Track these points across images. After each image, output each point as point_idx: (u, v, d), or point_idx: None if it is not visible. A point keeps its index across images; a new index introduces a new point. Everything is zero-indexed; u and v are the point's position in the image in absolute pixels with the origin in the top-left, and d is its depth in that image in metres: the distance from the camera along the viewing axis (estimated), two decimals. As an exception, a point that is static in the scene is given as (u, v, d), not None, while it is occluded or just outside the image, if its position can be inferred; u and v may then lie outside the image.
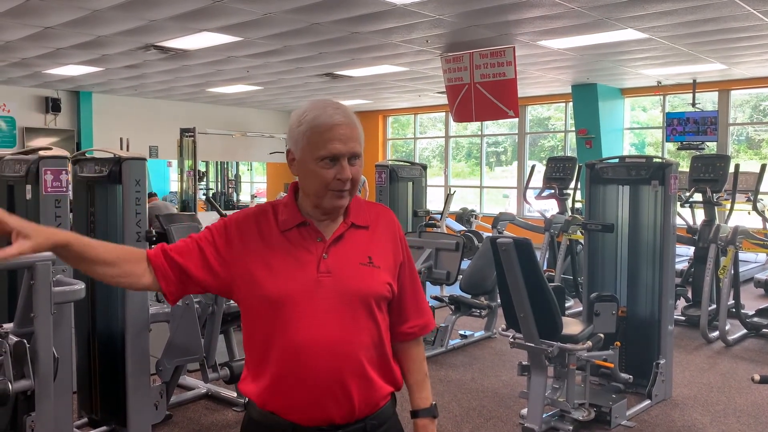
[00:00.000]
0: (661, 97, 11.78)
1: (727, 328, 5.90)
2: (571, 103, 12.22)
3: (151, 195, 9.62)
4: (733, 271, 5.96)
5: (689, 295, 6.86)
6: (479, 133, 14.47)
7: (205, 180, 15.29)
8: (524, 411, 4.01)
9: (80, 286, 2.97)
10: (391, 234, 1.68)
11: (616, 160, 4.91)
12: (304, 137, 1.52)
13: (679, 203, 6.48)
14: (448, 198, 9.20)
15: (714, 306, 6.22)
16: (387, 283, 1.62)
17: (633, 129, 12.67)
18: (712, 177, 6.55)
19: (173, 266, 1.56)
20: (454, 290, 6.14)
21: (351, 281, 1.57)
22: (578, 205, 8.34)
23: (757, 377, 2.50)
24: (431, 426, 1.72)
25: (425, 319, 1.72)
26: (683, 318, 6.55)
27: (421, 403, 1.72)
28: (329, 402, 1.54)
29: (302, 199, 1.61)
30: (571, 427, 3.88)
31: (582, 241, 5.73)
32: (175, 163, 13.87)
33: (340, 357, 1.54)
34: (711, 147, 10.69)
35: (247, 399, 1.66)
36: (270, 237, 1.58)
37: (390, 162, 7.12)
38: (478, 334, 6.07)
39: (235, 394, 4.46)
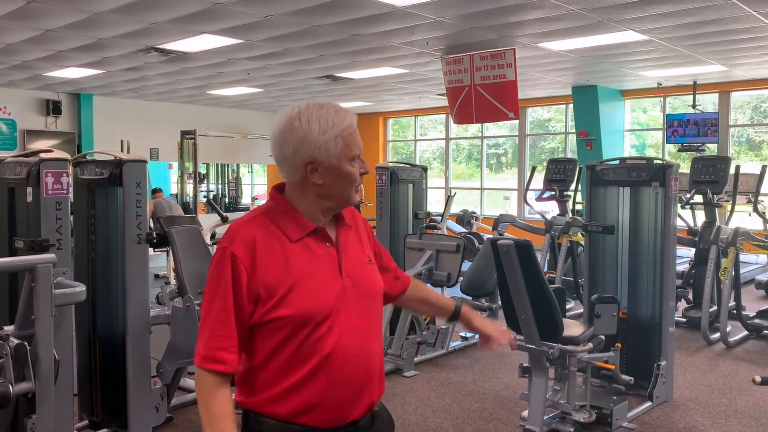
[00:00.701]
0: (662, 98, 11.78)
1: (728, 329, 5.89)
2: (571, 105, 12.22)
3: (157, 191, 9.63)
4: (733, 273, 5.95)
5: (690, 296, 6.85)
6: (479, 134, 14.48)
7: (205, 182, 15.31)
8: (525, 413, 4.01)
9: (81, 288, 2.97)
10: (364, 228, 1.76)
11: (617, 162, 4.90)
12: (337, 141, 1.52)
13: (679, 205, 6.48)
14: (448, 200, 9.20)
15: (715, 307, 6.22)
16: (380, 277, 1.72)
17: (633, 131, 12.67)
18: (713, 178, 6.54)
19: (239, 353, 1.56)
20: (455, 292, 6.13)
21: (366, 282, 1.63)
22: (579, 206, 8.34)
23: (758, 379, 2.50)
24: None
25: (407, 276, 1.92)
26: (684, 320, 6.54)
27: (452, 303, 1.96)
28: (357, 402, 1.59)
29: (305, 204, 1.58)
30: (572, 429, 3.87)
31: (582, 242, 5.74)
32: (175, 165, 13.88)
33: (369, 358, 1.60)
34: (711, 148, 10.70)
35: (243, 411, 1.61)
36: (284, 251, 1.53)
37: (390, 164, 7.12)
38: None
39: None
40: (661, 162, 4.61)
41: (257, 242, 1.52)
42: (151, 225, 8.45)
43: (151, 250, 3.92)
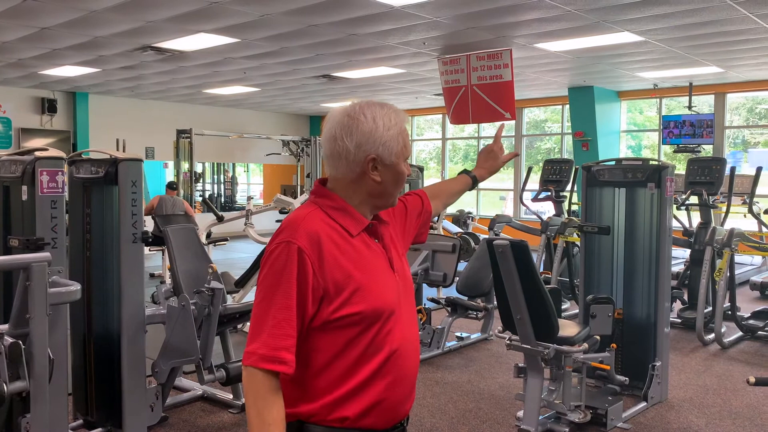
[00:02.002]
0: (658, 99, 11.81)
1: (722, 330, 5.91)
2: (567, 106, 12.24)
3: (172, 187, 9.63)
4: (728, 274, 5.97)
5: (685, 297, 6.87)
6: (476, 135, 14.49)
7: (201, 181, 15.27)
8: (520, 413, 4.01)
9: (76, 287, 2.96)
10: (391, 218, 1.73)
11: (613, 163, 4.92)
12: (397, 139, 1.54)
13: (675, 206, 6.49)
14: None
15: (710, 308, 6.24)
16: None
17: (629, 131, 12.69)
18: (708, 180, 6.56)
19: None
20: (451, 292, 6.14)
21: (406, 276, 1.65)
22: (575, 207, 8.35)
23: (752, 379, 2.50)
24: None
25: (419, 190, 1.98)
26: (679, 320, 6.56)
27: (466, 178, 2.08)
28: (409, 398, 1.60)
29: (356, 201, 1.56)
30: (567, 429, 3.88)
31: (578, 243, 5.74)
32: (171, 164, 13.86)
33: (418, 352, 1.63)
34: (707, 150, 10.72)
35: (293, 424, 1.50)
36: (348, 246, 1.50)
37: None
38: (475, 336, 6.07)
39: (231, 396, 4.45)
40: (656, 163, 4.62)
41: (322, 237, 1.47)
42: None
43: (146, 249, 3.92)
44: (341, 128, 1.51)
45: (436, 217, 8.47)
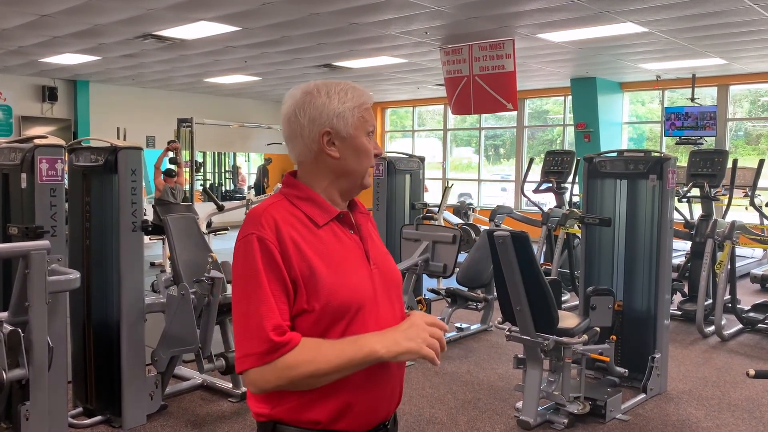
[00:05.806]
0: (660, 91, 11.77)
1: (722, 323, 5.91)
2: (569, 97, 12.20)
3: (173, 176, 9.66)
4: (729, 266, 5.96)
5: (685, 289, 6.87)
6: (478, 125, 14.45)
7: (202, 170, 15.23)
8: (519, 404, 4.02)
9: (75, 275, 2.96)
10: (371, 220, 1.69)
11: (615, 154, 4.90)
12: (354, 112, 1.46)
13: (676, 198, 6.48)
14: (445, 191, 9.20)
15: (710, 301, 6.24)
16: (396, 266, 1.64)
17: (632, 123, 12.65)
18: (710, 172, 6.55)
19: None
20: (451, 283, 6.14)
21: (389, 270, 1.55)
22: (576, 198, 8.34)
23: (752, 372, 2.50)
24: None
25: None
26: (679, 312, 6.56)
27: None
28: (391, 400, 1.51)
29: (322, 185, 1.49)
30: (566, 421, 3.88)
31: (579, 234, 5.74)
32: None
33: None
34: (709, 142, 10.70)
35: (266, 424, 1.45)
36: (312, 237, 1.42)
37: (388, 154, 7.10)
38: (475, 327, 6.07)
39: (230, 385, 4.46)
40: (658, 155, 4.61)
41: (283, 227, 1.39)
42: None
43: (146, 238, 3.91)
44: (294, 106, 1.46)
45: (437, 208, 8.45)
